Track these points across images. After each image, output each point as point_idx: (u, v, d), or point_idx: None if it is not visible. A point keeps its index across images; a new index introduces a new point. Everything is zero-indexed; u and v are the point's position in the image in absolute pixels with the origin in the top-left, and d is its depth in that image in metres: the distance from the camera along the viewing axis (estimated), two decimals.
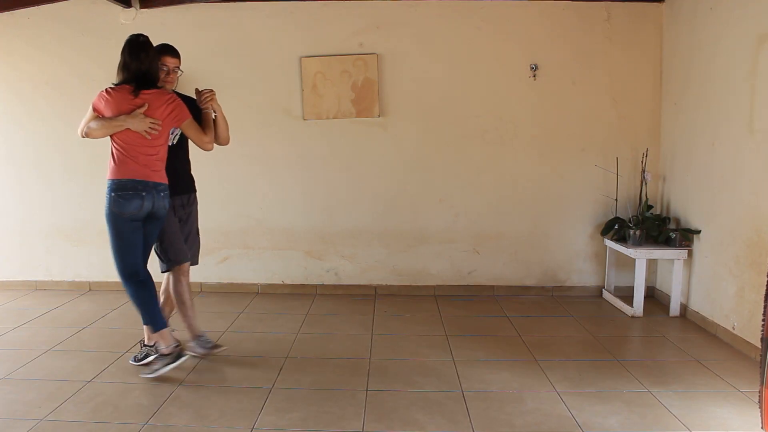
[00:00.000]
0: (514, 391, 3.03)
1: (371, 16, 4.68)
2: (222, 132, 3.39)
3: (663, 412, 2.79)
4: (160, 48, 3.19)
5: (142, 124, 3.04)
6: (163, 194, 3.16)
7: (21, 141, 4.99)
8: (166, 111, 3.11)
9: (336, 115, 4.75)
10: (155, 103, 3.07)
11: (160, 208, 3.15)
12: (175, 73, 3.28)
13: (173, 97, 3.17)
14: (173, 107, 3.14)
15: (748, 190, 3.53)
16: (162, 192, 3.16)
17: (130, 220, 3.08)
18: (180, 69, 3.30)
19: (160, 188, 3.15)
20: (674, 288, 4.24)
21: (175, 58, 3.27)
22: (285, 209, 4.91)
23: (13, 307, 4.57)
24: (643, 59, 4.61)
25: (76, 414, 2.80)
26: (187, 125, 3.21)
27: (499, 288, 4.88)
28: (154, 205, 3.12)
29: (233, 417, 2.77)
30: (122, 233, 3.10)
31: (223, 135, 3.40)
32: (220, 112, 3.33)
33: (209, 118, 3.30)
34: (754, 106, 3.46)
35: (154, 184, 3.12)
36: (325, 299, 4.79)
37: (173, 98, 3.16)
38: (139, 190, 3.07)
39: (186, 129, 3.23)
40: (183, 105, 3.19)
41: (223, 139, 3.42)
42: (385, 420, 2.73)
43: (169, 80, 3.26)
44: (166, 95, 3.13)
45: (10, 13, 4.75)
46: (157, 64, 3.14)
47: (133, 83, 3.06)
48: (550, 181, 4.76)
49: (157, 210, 3.14)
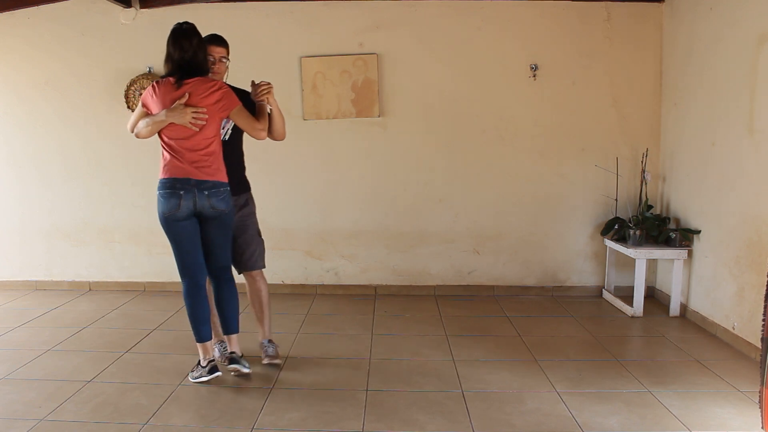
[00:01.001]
0: (514, 391, 3.03)
1: (371, 16, 4.67)
2: (278, 127, 3.20)
3: (663, 412, 2.79)
4: (207, 38, 3.05)
5: (184, 116, 2.83)
6: (208, 192, 2.92)
7: (21, 141, 4.99)
8: (212, 99, 2.89)
9: (336, 115, 4.75)
10: (198, 91, 2.87)
11: (205, 207, 2.93)
12: (222, 63, 3.13)
13: (219, 83, 2.96)
14: (220, 94, 2.91)
15: (748, 190, 3.53)
16: (207, 190, 2.92)
17: (174, 220, 2.92)
18: (227, 58, 3.16)
19: (205, 186, 2.92)
20: (674, 288, 4.24)
21: (221, 46, 3.12)
22: (285, 209, 4.91)
23: (13, 307, 4.57)
24: (643, 59, 4.61)
25: (76, 414, 2.80)
26: (237, 113, 2.97)
27: (499, 288, 4.88)
28: (196, 205, 2.92)
29: (233, 417, 2.76)
30: (171, 233, 2.98)
31: (279, 130, 3.22)
32: (275, 106, 3.16)
33: (264, 109, 3.09)
34: (754, 106, 3.46)
35: (197, 182, 2.90)
36: (325, 299, 4.79)
37: (219, 85, 2.94)
38: (177, 188, 2.89)
39: (236, 117, 2.98)
40: (231, 92, 2.97)
41: (279, 134, 3.23)
42: (385, 420, 2.73)
43: (216, 70, 3.10)
44: (209, 82, 2.92)
45: (10, 13, 4.74)
46: (203, 53, 2.95)
47: (177, 74, 2.89)
48: (550, 181, 4.76)
49: (202, 210, 2.94)
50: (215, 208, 2.96)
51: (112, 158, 4.93)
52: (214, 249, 3.07)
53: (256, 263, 3.36)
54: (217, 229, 3.03)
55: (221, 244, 3.08)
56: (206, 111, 2.87)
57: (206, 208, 2.94)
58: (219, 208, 2.97)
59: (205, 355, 3.09)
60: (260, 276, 3.38)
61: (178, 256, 3.03)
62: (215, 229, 3.03)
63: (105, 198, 4.99)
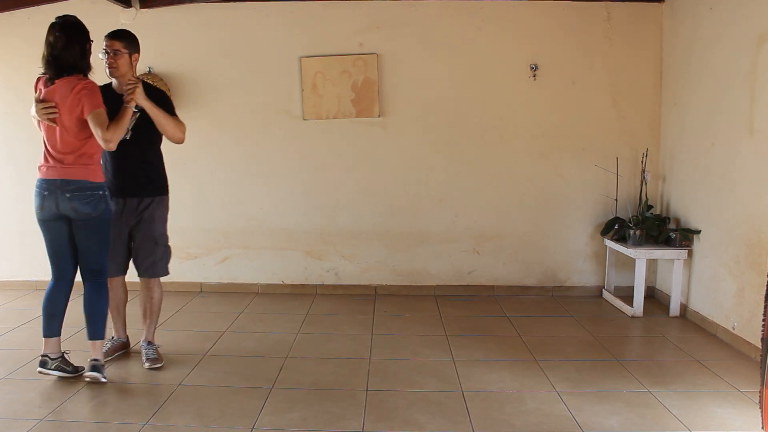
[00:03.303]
0: (514, 391, 3.03)
1: (371, 16, 4.67)
2: (165, 129, 3.11)
3: (663, 412, 2.79)
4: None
5: (38, 112, 2.84)
6: (70, 194, 2.88)
7: (21, 141, 4.98)
8: (72, 99, 2.82)
9: (336, 115, 4.75)
10: (62, 90, 2.83)
11: (67, 209, 2.90)
12: (119, 55, 3.03)
13: (82, 83, 2.84)
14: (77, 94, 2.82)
15: (747, 190, 3.53)
16: (69, 192, 2.88)
17: (41, 220, 2.95)
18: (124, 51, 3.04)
19: (68, 187, 2.87)
20: (674, 288, 4.24)
21: (114, 39, 3.04)
22: (285, 209, 4.91)
23: (13, 307, 4.57)
24: (643, 59, 4.61)
25: (76, 414, 2.79)
26: (91, 116, 2.82)
27: (499, 288, 4.88)
28: (58, 207, 2.90)
29: (233, 417, 2.76)
30: (43, 233, 3.00)
31: (167, 131, 3.13)
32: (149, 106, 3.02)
33: (124, 113, 2.92)
34: (754, 106, 3.46)
35: (61, 182, 2.88)
36: (325, 299, 4.79)
37: (81, 85, 2.83)
38: (42, 189, 2.91)
39: (89, 120, 2.83)
40: (91, 93, 2.84)
41: (169, 135, 3.15)
42: (385, 420, 2.73)
43: (112, 64, 3.03)
44: (73, 82, 2.84)
45: (10, 13, 4.74)
46: (77, 49, 2.86)
47: (49, 71, 2.86)
48: (550, 181, 4.76)
49: (65, 212, 2.91)
50: (78, 211, 2.91)
51: None
52: (81, 252, 3.03)
53: (148, 271, 3.31)
54: (82, 231, 2.98)
55: (89, 248, 3.02)
56: (57, 106, 2.82)
57: (68, 210, 2.90)
58: (82, 211, 2.91)
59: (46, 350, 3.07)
60: (154, 283, 3.36)
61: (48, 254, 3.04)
62: (81, 231, 2.98)
63: None
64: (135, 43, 3.13)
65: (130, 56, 3.10)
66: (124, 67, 3.07)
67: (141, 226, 3.24)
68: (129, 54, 3.08)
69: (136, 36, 3.16)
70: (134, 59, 3.13)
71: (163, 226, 3.34)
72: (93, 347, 3.07)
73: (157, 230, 3.29)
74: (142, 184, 3.23)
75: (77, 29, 2.90)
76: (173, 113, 3.21)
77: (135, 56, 3.13)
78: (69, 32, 2.86)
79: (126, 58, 3.07)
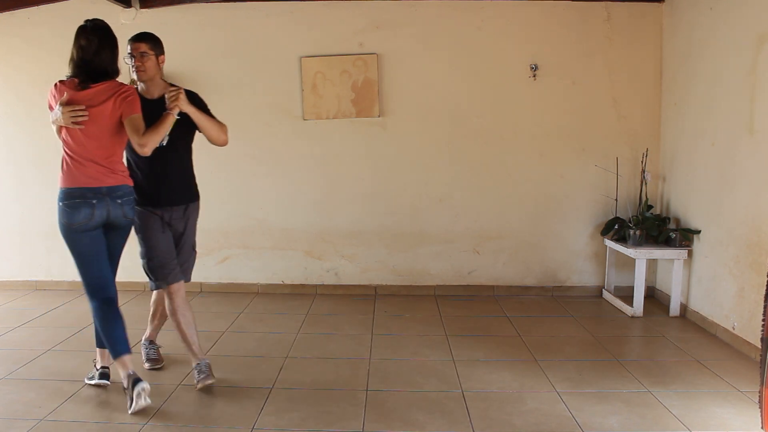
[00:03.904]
0: (514, 391, 3.03)
1: (371, 16, 4.68)
2: (209, 133, 3.03)
3: (663, 412, 2.79)
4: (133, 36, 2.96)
5: (63, 116, 2.69)
6: (121, 201, 2.80)
7: (21, 141, 4.98)
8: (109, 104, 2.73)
9: (336, 115, 4.75)
10: (99, 96, 2.72)
11: (118, 216, 2.82)
12: (146, 57, 2.93)
13: (123, 89, 2.78)
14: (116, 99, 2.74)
15: (748, 190, 3.53)
16: (120, 198, 2.80)
17: (82, 231, 2.78)
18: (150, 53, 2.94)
19: (117, 194, 2.80)
20: (674, 288, 4.24)
21: (140, 41, 2.94)
22: (285, 209, 4.91)
23: (13, 307, 4.57)
24: (643, 59, 4.61)
25: (76, 414, 2.80)
26: (128, 121, 2.74)
27: (499, 288, 4.88)
28: (110, 214, 2.79)
29: (233, 417, 2.77)
30: (77, 245, 2.82)
31: (212, 136, 3.04)
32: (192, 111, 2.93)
33: (164, 119, 2.83)
34: (754, 106, 3.46)
35: (108, 189, 2.78)
36: (325, 299, 4.79)
37: (121, 90, 2.77)
38: (88, 197, 2.75)
39: (126, 125, 2.76)
40: (130, 99, 2.78)
41: (213, 139, 3.06)
42: (385, 420, 2.73)
43: (139, 67, 2.94)
44: (114, 86, 2.77)
45: (11, 13, 4.75)
46: (109, 54, 2.76)
47: (80, 76, 2.74)
48: (550, 181, 4.76)
49: (115, 219, 2.82)
50: (127, 217, 2.86)
51: None
52: (114, 260, 2.93)
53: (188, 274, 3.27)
54: (120, 239, 2.92)
55: (118, 255, 2.96)
56: (88, 111, 2.70)
57: (119, 217, 2.82)
58: (130, 216, 2.87)
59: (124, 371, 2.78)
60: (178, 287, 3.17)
61: (83, 269, 2.85)
62: (118, 238, 2.90)
63: None
64: (160, 44, 3.04)
65: (157, 58, 2.99)
66: (151, 69, 2.98)
67: (187, 233, 3.19)
68: (156, 56, 2.98)
69: (159, 37, 3.06)
70: (161, 60, 3.02)
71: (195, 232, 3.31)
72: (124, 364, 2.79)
73: (194, 236, 3.28)
74: (185, 191, 3.17)
75: (108, 33, 2.79)
76: (212, 115, 3.10)
77: (161, 57, 3.02)
78: (101, 36, 2.76)
79: (153, 60, 2.98)
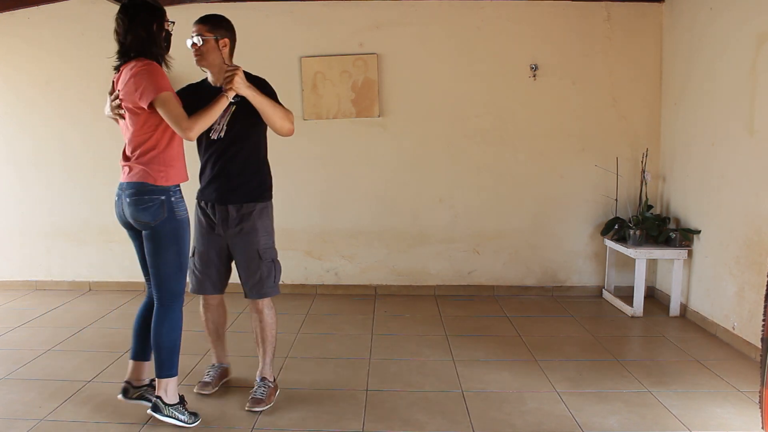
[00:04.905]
0: (514, 391, 3.03)
1: (371, 16, 4.68)
2: (272, 120, 2.68)
3: (663, 412, 2.79)
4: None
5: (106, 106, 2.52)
6: (129, 199, 2.51)
7: (22, 141, 4.99)
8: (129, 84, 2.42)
9: (336, 115, 4.75)
10: (122, 78, 2.47)
11: (130, 216, 2.55)
12: (208, 41, 2.64)
13: (140, 63, 2.44)
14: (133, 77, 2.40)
15: (748, 190, 3.53)
16: (129, 197, 2.51)
17: (124, 227, 2.68)
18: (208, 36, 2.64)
19: (129, 191, 2.51)
20: (674, 288, 4.24)
21: (199, 23, 2.66)
22: (285, 209, 4.88)
23: (13, 307, 4.57)
24: (643, 59, 4.61)
25: (76, 414, 2.80)
26: (160, 103, 2.40)
27: (499, 288, 4.88)
28: (124, 213, 2.57)
29: (233, 417, 2.77)
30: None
31: (275, 123, 2.69)
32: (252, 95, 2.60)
33: (219, 101, 2.55)
34: (754, 106, 3.46)
35: (123, 185, 2.55)
36: (325, 299, 4.79)
37: (138, 66, 2.43)
38: (118, 193, 2.59)
39: (159, 108, 2.41)
40: (151, 76, 2.41)
41: (276, 127, 2.72)
42: (385, 420, 2.73)
43: (197, 52, 2.65)
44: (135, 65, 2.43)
45: (11, 13, 4.74)
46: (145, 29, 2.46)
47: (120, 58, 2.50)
48: (550, 180, 4.76)
49: (132, 221, 2.56)
50: (135, 220, 2.53)
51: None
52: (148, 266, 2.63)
53: (254, 290, 2.83)
54: (146, 243, 2.57)
55: (151, 264, 2.58)
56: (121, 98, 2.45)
57: (130, 218, 2.56)
58: (139, 219, 2.52)
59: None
60: (263, 305, 2.87)
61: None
62: (146, 243, 2.58)
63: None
64: (224, 26, 2.72)
65: (217, 41, 2.67)
66: (211, 54, 2.66)
67: (241, 238, 2.78)
68: (216, 39, 2.66)
69: (228, 19, 2.77)
70: (222, 45, 2.69)
71: (268, 238, 2.86)
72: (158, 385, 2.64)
73: (261, 242, 2.81)
74: (239, 190, 2.78)
75: (140, 9, 2.47)
76: (278, 101, 2.76)
77: (224, 41, 2.69)
78: (132, 13, 2.46)
79: (212, 44, 2.66)
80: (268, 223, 2.87)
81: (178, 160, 2.60)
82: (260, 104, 2.63)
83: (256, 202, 2.82)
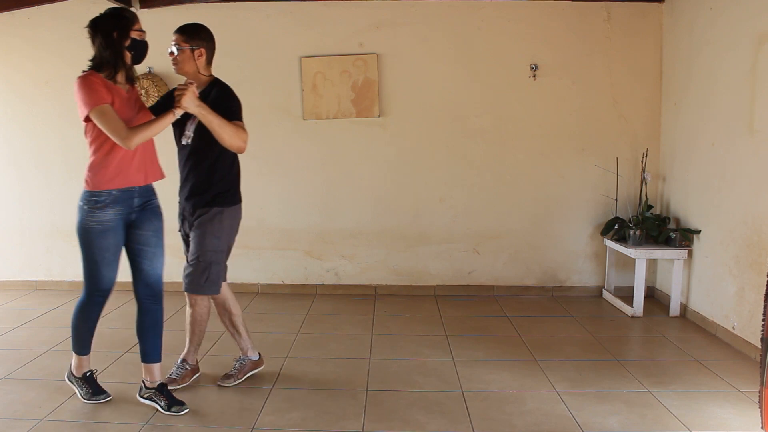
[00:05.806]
0: (514, 391, 3.03)
1: (371, 16, 4.68)
2: (221, 137, 2.72)
3: (663, 412, 2.79)
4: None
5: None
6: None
7: (22, 141, 4.99)
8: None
9: (336, 115, 4.75)
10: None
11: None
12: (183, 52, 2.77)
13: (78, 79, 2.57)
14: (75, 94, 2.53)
15: (748, 190, 3.53)
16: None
17: None
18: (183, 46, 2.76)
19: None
20: (674, 288, 4.24)
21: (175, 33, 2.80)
22: (285, 209, 4.91)
23: (13, 307, 4.57)
24: (643, 59, 4.61)
25: (76, 414, 2.80)
26: (93, 117, 2.49)
27: (499, 288, 4.88)
28: None
29: (233, 417, 2.77)
30: None
31: (223, 139, 2.72)
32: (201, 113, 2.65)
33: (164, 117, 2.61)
34: (754, 106, 3.46)
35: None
36: (325, 299, 4.79)
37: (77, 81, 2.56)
38: None
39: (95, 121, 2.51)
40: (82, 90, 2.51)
41: (225, 143, 2.74)
42: (385, 420, 2.74)
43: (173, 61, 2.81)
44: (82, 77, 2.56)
45: (11, 13, 4.74)
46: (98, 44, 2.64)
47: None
48: (550, 181, 4.76)
49: None
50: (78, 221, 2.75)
51: None
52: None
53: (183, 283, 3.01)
54: None
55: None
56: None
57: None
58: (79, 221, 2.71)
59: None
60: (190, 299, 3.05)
61: None
62: None
63: None
64: (200, 36, 2.81)
65: (193, 51, 2.77)
66: (186, 63, 2.78)
67: (193, 234, 2.95)
68: (191, 49, 2.77)
69: (206, 28, 2.86)
70: (198, 54, 2.79)
71: (215, 241, 2.91)
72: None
73: (205, 244, 2.90)
74: (197, 194, 2.89)
75: (97, 21, 2.63)
76: (236, 118, 2.81)
77: (199, 51, 2.79)
78: (91, 27, 2.64)
79: (187, 54, 2.76)
80: (218, 227, 2.92)
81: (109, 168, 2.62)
82: (209, 123, 2.68)
83: (211, 207, 2.90)
